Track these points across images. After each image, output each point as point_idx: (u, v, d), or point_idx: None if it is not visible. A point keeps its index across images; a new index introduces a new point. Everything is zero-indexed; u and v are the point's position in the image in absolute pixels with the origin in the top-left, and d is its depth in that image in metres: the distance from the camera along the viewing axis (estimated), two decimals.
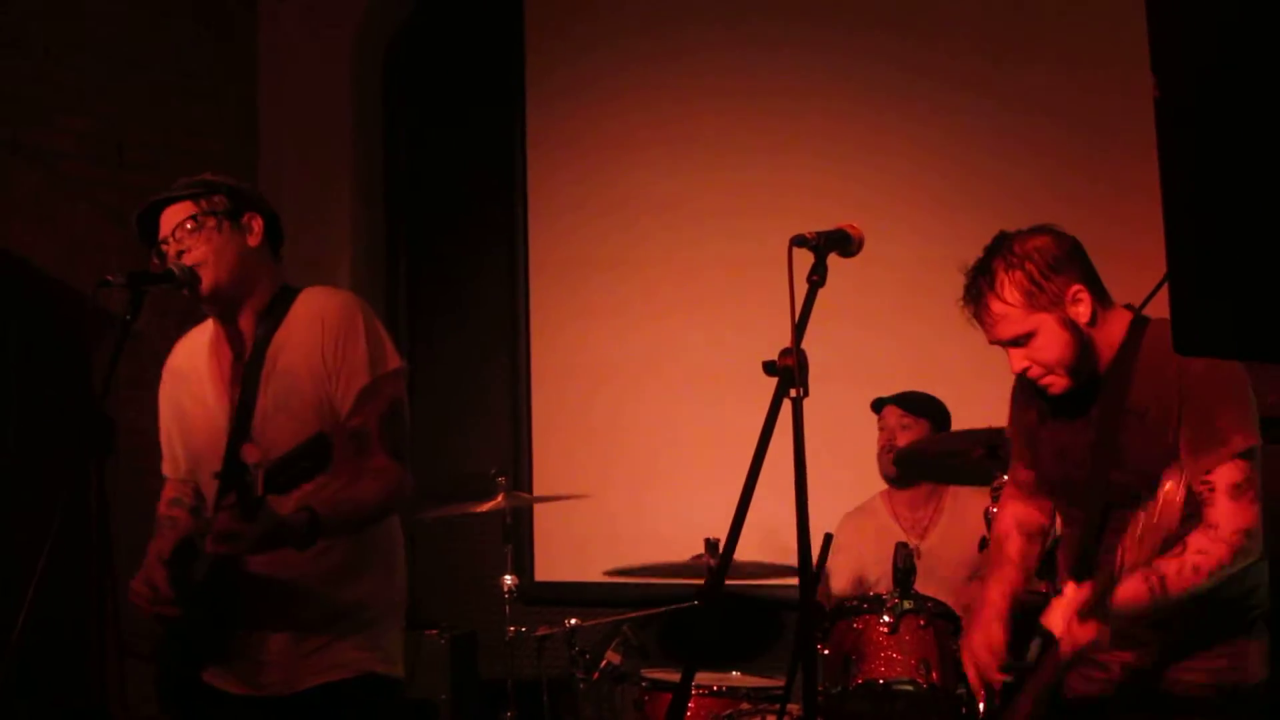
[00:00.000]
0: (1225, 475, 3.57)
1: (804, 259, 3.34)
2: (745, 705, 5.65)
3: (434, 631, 6.86)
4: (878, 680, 5.11)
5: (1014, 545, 4.25)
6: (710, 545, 5.78)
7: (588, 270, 7.70)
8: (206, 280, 4.21)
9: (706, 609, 4.74)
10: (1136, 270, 6.04)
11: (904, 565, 5.19)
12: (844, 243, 3.45)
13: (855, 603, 5.28)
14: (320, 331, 4.25)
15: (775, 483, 3.24)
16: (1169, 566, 3.53)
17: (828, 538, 5.19)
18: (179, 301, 5.14)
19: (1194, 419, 3.64)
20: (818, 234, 3.40)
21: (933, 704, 4.93)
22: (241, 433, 4.18)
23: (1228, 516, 3.55)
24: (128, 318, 3.92)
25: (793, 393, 3.14)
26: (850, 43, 7.16)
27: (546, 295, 7.82)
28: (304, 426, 4.08)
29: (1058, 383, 3.85)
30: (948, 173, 6.87)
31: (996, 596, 4.09)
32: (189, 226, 4.22)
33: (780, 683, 5.64)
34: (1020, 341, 3.82)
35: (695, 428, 7.24)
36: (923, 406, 6.07)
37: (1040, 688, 3.70)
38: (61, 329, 6.60)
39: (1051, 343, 3.79)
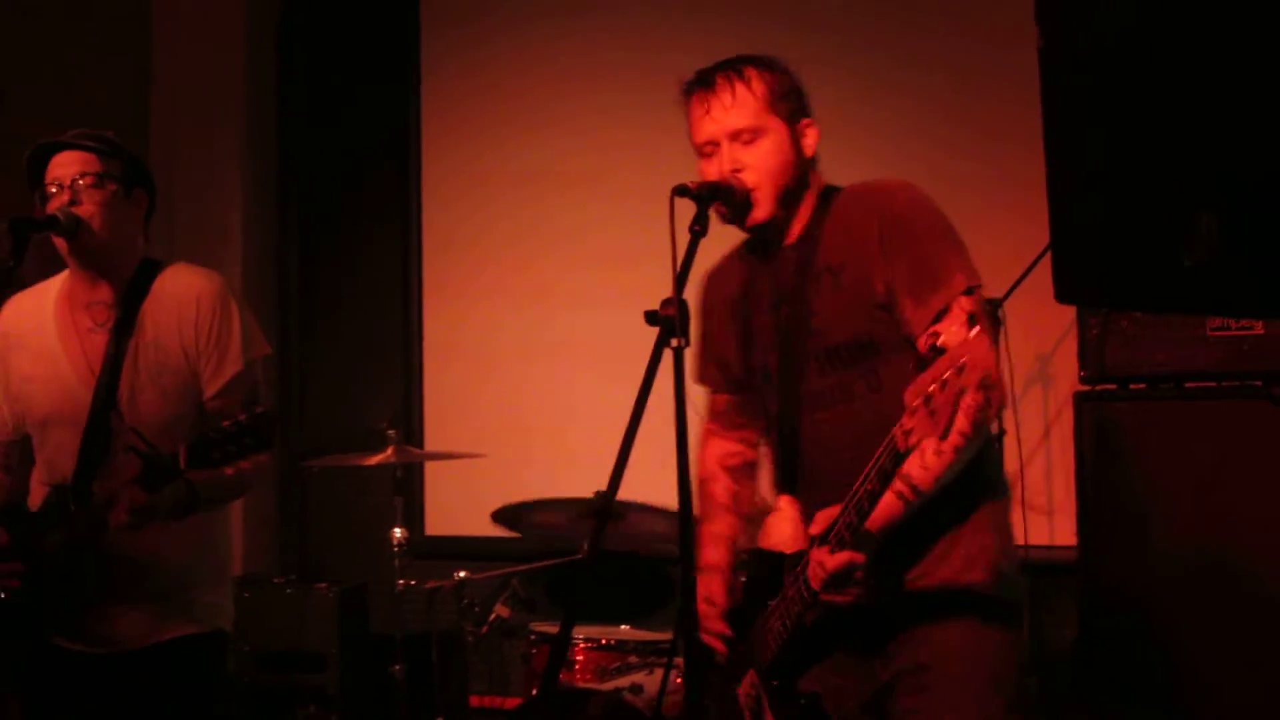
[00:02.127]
0: (953, 322, 3.29)
1: (686, 210, 3.32)
2: (633, 658, 5.67)
3: (324, 585, 6.83)
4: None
5: (722, 487, 4.09)
6: (600, 497, 5.78)
7: (482, 231, 7.67)
8: (95, 237, 4.18)
9: (592, 561, 4.73)
10: (1022, 220, 6.16)
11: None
12: (726, 194, 3.45)
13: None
14: (195, 310, 4.32)
15: (661, 434, 3.23)
16: (911, 466, 3.31)
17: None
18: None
19: (905, 264, 3.47)
20: (699, 184, 3.40)
21: None
22: (106, 398, 4.22)
23: (965, 354, 3.04)
24: (10, 264, 3.86)
25: (674, 342, 3.12)
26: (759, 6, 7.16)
27: (439, 257, 7.79)
28: (170, 401, 4.26)
29: (764, 203, 3.62)
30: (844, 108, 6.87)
31: (713, 554, 3.97)
32: (90, 180, 4.21)
33: (666, 636, 5.67)
34: (743, 137, 3.61)
35: (589, 386, 7.23)
36: None
37: (789, 614, 3.59)
38: None
39: (777, 150, 3.62)
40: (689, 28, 7.18)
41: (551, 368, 7.42)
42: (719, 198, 3.44)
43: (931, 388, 3.03)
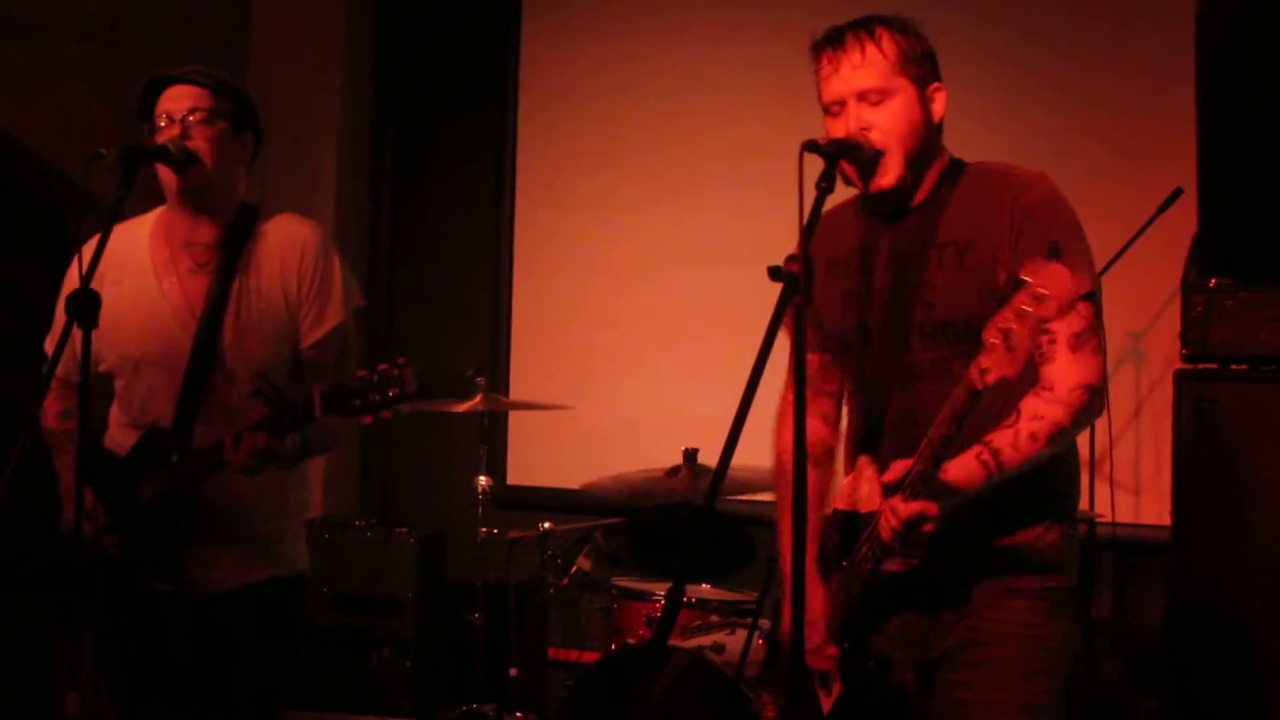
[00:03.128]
0: (1068, 323, 3.28)
1: (815, 165, 3.29)
2: (714, 618, 5.66)
3: (404, 530, 6.84)
4: None
5: (811, 479, 3.79)
6: (689, 455, 5.76)
7: (576, 181, 7.63)
8: (204, 173, 4.18)
9: (692, 520, 4.71)
10: (1121, 194, 6.12)
11: None
12: (855, 151, 3.41)
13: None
14: (299, 259, 4.33)
15: (765, 392, 3.20)
16: (1003, 439, 3.35)
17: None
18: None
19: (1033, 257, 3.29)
20: (830, 141, 3.36)
21: None
22: (208, 340, 4.22)
23: (1066, 372, 3.31)
24: (121, 193, 3.85)
25: (796, 299, 3.08)
26: None
27: (532, 203, 7.75)
28: (270, 347, 4.25)
29: (892, 167, 3.55)
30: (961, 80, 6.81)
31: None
32: (201, 116, 4.21)
33: (752, 597, 5.65)
34: (870, 98, 3.55)
35: (680, 329, 7.19)
36: None
37: (860, 572, 3.57)
38: (46, 207, 6.53)
39: (906, 111, 3.56)
40: None
41: (642, 322, 7.35)
42: (847, 155, 3.40)
43: (1010, 322, 3.03)
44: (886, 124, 3.53)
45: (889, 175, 3.55)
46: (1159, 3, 6.30)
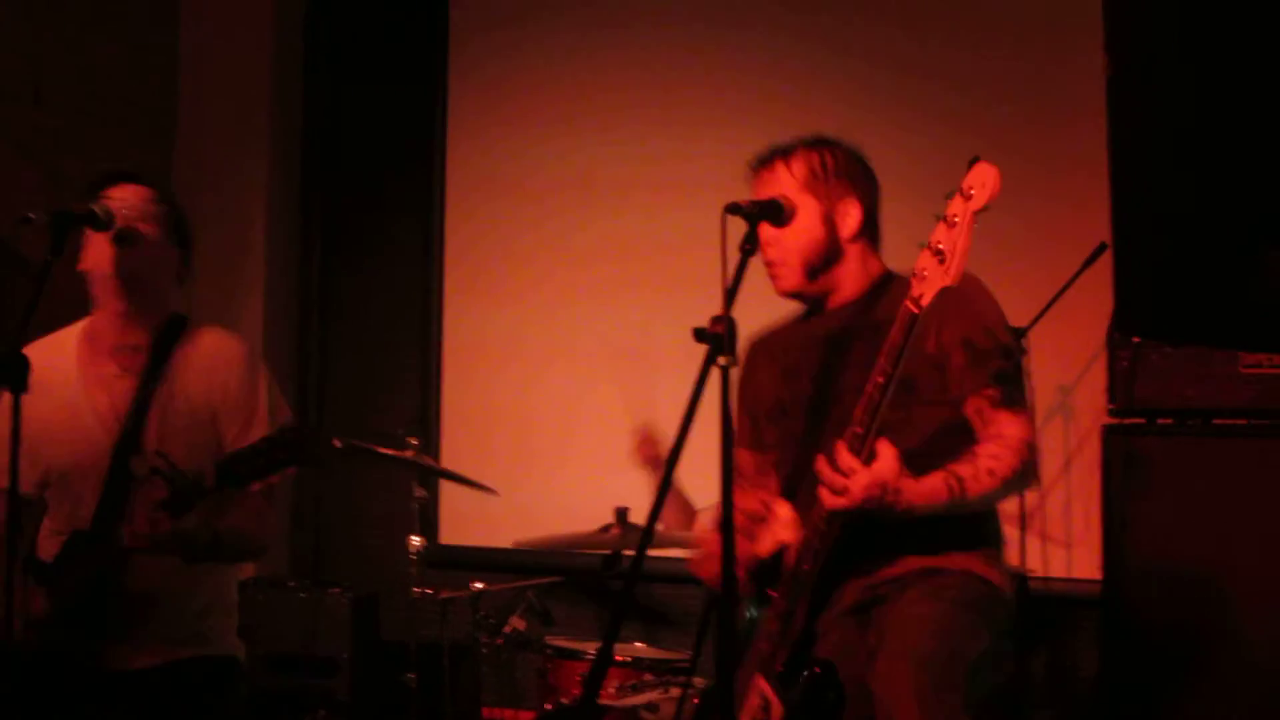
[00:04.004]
0: (1005, 385, 3.66)
1: (735, 228, 3.32)
2: (649, 676, 5.64)
3: (337, 590, 6.81)
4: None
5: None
6: (620, 514, 5.75)
7: (503, 241, 7.64)
8: (139, 255, 4.20)
9: (621, 578, 4.74)
10: (1048, 249, 6.17)
11: None
12: (776, 213, 3.46)
13: None
14: (226, 371, 4.41)
15: (688, 451, 3.23)
16: (965, 469, 3.58)
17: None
18: None
19: (968, 339, 3.68)
20: (751, 203, 3.40)
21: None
22: (130, 442, 4.25)
23: (1011, 428, 3.62)
24: (50, 257, 3.84)
25: (721, 360, 3.12)
26: (780, 19, 7.14)
27: (461, 264, 7.75)
28: (194, 455, 4.20)
29: (789, 277, 3.85)
30: (862, 127, 6.84)
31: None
32: (148, 208, 4.27)
33: (685, 655, 5.64)
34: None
35: (606, 398, 7.20)
36: None
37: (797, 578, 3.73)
38: None
39: (806, 229, 3.80)
40: (725, 37, 7.21)
41: (573, 381, 7.36)
42: (768, 216, 3.45)
43: (941, 237, 3.40)
44: (785, 238, 3.80)
45: (783, 283, 3.88)
46: (1089, 51, 6.33)
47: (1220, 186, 2.17)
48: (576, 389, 7.37)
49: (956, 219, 3.37)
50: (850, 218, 3.82)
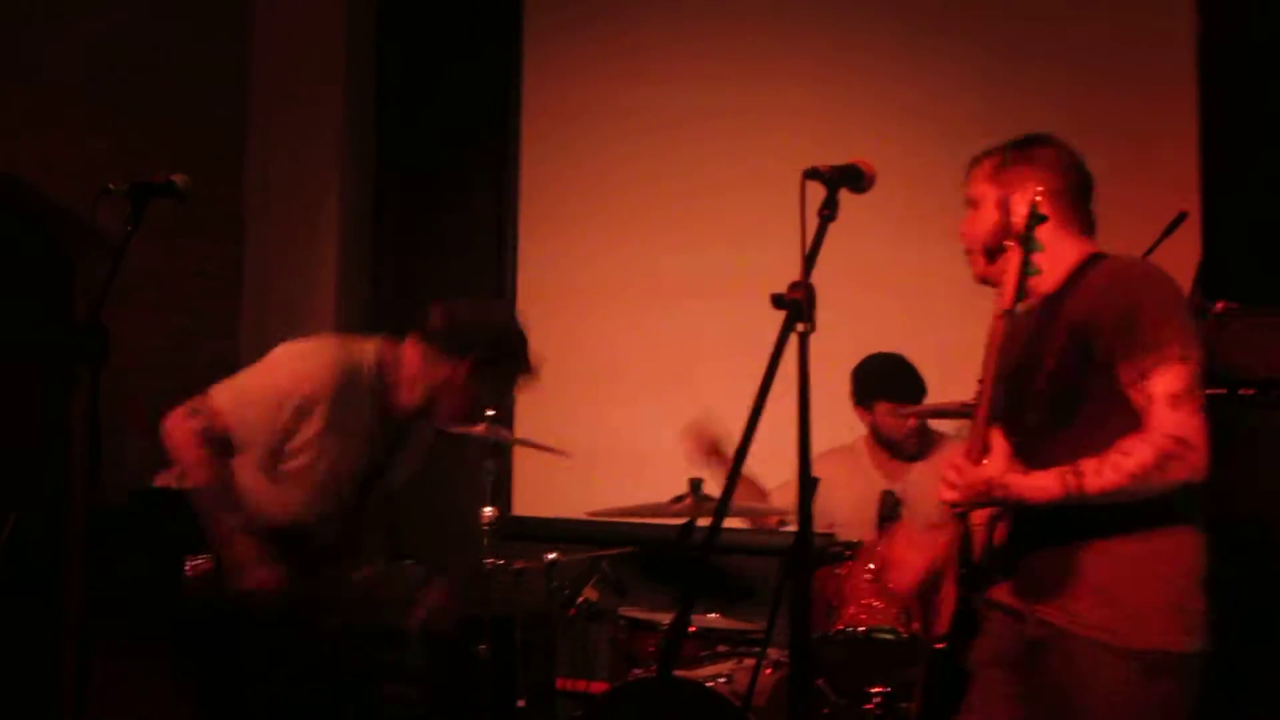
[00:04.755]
0: (1165, 383, 3.51)
1: (815, 192, 3.29)
2: (722, 648, 5.64)
3: (410, 563, 6.81)
4: (858, 628, 5.11)
5: None
6: (694, 484, 5.73)
7: (578, 195, 7.63)
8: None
9: (697, 549, 4.73)
10: (1146, 219, 6.13)
11: (889, 514, 5.19)
12: (855, 178, 3.42)
13: (839, 549, 5.27)
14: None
15: (769, 420, 3.22)
16: (1089, 464, 3.51)
17: (815, 482, 5.12)
18: (167, 220, 5.09)
19: (1126, 331, 3.59)
20: (831, 168, 3.36)
21: (912, 653, 4.92)
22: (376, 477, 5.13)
23: (1162, 421, 3.48)
24: (129, 227, 3.86)
25: (800, 327, 3.09)
26: None
27: (535, 225, 7.75)
28: None
29: (975, 263, 3.94)
30: (949, 101, 6.84)
31: None
32: None
33: (758, 627, 5.63)
34: (970, 202, 3.96)
35: (685, 358, 7.18)
36: (908, 389, 6.00)
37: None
38: (45, 242, 6.53)
39: (983, 216, 3.89)
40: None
41: (647, 352, 7.35)
42: (847, 181, 3.40)
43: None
44: (970, 226, 3.96)
45: (972, 269, 3.99)
46: (1164, 23, 6.28)
47: None
48: (655, 350, 7.37)
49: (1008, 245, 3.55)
50: (1024, 204, 3.76)
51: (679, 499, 5.80)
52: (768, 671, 5.21)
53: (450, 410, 5.00)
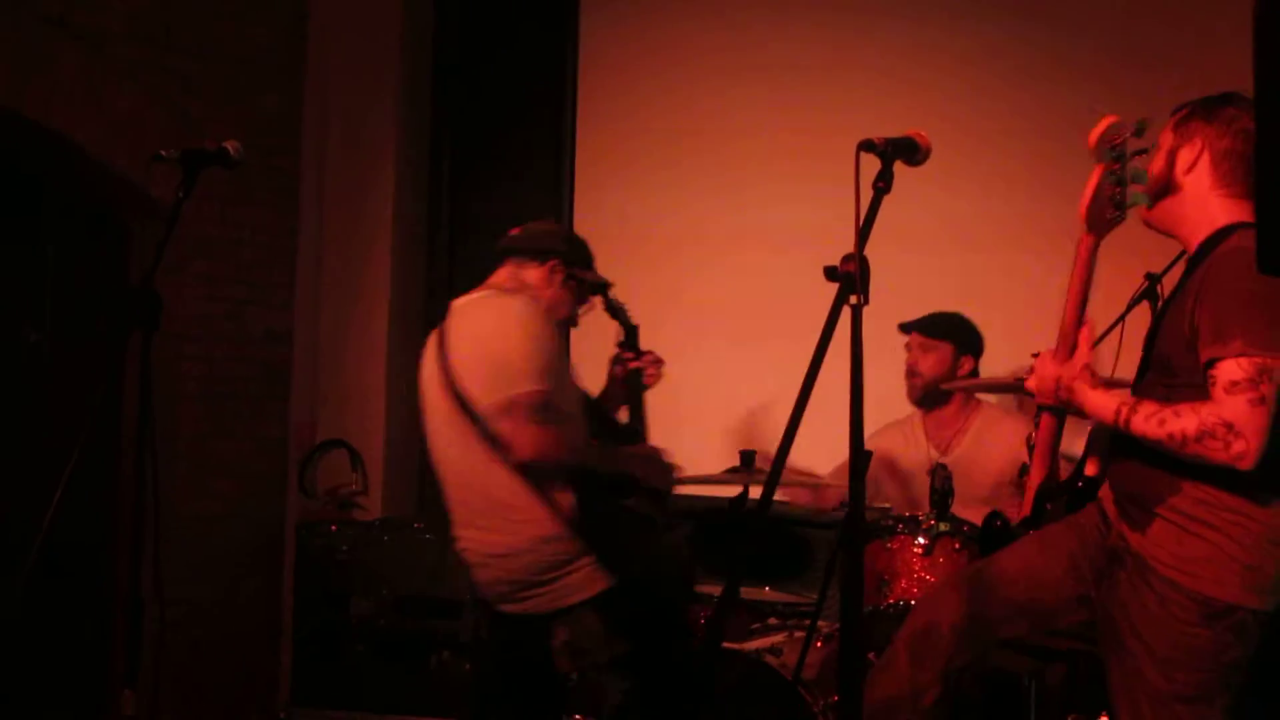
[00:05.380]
0: (1226, 371, 3.57)
1: (870, 165, 3.27)
2: (773, 620, 5.63)
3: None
4: (910, 601, 5.09)
5: None
6: (745, 456, 5.72)
7: (633, 184, 7.60)
8: None
9: (750, 520, 4.74)
10: None
11: (941, 487, 5.17)
12: (911, 151, 3.39)
13: (890, 522, 5.25)
14: None
15: (822, 392, 3.21)
16: (1145, 407, 3.69)
17: (868, 455, 5.10)
18: (221, 188, 5.11)
19: (1208, 315, 3.67)
20: (886, 140, 3.34)
21: None
22: None
23: (1218, 403, 3.57)
24: (181, 195, 3.86)
25: (853, 300, 3.08)
26: None
27: (590, 206, 7.73)
28: None
29: (1145, 208, 3.98)
30: (1000, 86, 6.83)
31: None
32: None
33: (809, 600, 5.62)
34: (1156, 148, 3.98)
35: (741, 325, 7.15)
36: (945, 329, 6.06)
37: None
38: (101, 210, 6.55)
39: (1155, 163, 3.92)
40: None
41: (702, 320, 7.27)
42: (902, 154, 3.38)
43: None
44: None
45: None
46: (1215, 8, 6.27)
47: None
48: (710, 318, 7.30)
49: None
50: (1186, 157, 3.88)
51: (733, 470, 5.79)
52: (818, 645, 5.20)
53: (550, 307, 5.00)
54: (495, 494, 4.79)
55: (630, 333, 5.33)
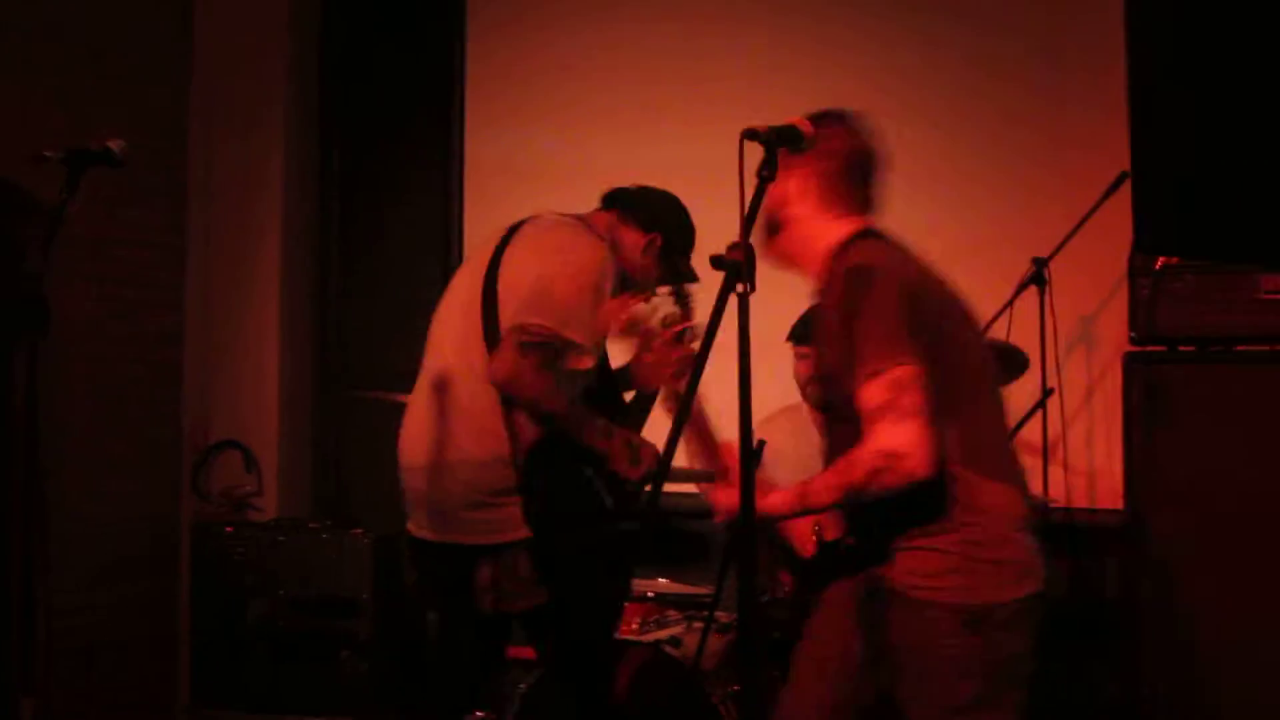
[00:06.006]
0: (865, 399, 3.55)
1: (754, 154, 3.28)
2: (672, 611, 5.65)
3: (359, 530, 6.82)
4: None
5: None
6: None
7: (524, 178, 7.59)
8: None
9: (642, 517, 4.75)
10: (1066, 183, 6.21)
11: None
12: (795, 139, 3.40)
13: None
14: None
15: (707, 380, 3.23)
16: (815, 482, 3.69)
17: (760, 444, 5.13)
18: (110, 189, 5.04)
19: (837, 351, 3.68)
20: (769, 128, 3.35)
21: None
22: None
23: (873, 436, 3.54)
24: (65, 196, 3.82)
25: (739, 287, 3.09)
26: None
27: (480, 205, 7.72)
28: None
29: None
30: (892, 67, 6.89)
31: None
32: None
33: (707, 590, 5.64)
34: None
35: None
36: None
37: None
38: None
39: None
40: None
41: None
42: (786, 142, 3.39)
43: None
44: None
45: None
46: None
47: (1243, 98, 2.14)
48: None
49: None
50: (782, 192, 3.86)
51: None
52: (716, 635, 5.22)
53: (632, 272, 4.85)
54: (472, 403, 4.67)
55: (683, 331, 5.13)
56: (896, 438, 3.51)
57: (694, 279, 4.91)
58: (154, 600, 6.79)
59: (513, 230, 4.93)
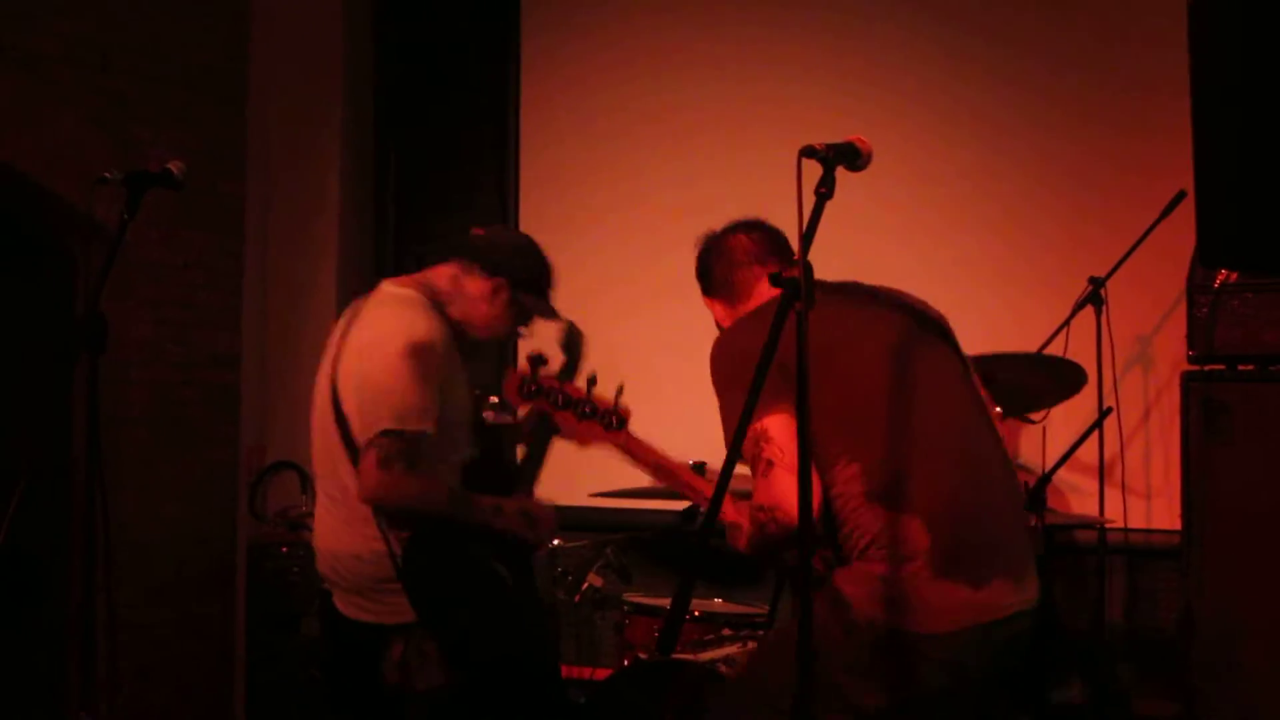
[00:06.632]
0: (751, 454, 3.67)
1: (812, 171, 3.28)
2: (726, 630, 5.63)
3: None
4: None
5: None
6: (696, 468, 5.72)
7: (579, 183, 7.63)
8: None
9: (697, 532, 4.74)
10: (1123, 204, 6.19)
11: None
12: (852, 156, 3.39)
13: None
14: None
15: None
16: (744, 517, 3.78)
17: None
18: (166, 211, 5.07)
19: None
20: (827, 146, 3.35)
21: None
22: None
23: (756, 493, 3.68)
24: (125, 216, 3.84)
25: (798, 305, 3.09)
26: None
27: (536, 207, 7.75)
28: None
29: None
30: (948, 89, 6.89)
31: None
32: None
33: (762, 610, 5.64)
34: None
35: (687, 344, 7.16)
36: None
37: None
38: (42, 235, 6.51)
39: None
40: None
41: (648, 333, 7.31)
42: (844, 160, 3.38)
43: None
44: None
45: None
46: (1149, 16, 6.36)
47: None
48: (656, 329, 7.32)
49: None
50: (716, 315, 4.39)
51: None
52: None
53: (482, 323, 4.90)
54: (344, 496, 4.65)
55: (570, 369, 5.11)
56: (765, 493, 3.63)
57: (553, 316, 5.04)
58: (210, 620, 6.83)
59: (350, 322, 4.89)
